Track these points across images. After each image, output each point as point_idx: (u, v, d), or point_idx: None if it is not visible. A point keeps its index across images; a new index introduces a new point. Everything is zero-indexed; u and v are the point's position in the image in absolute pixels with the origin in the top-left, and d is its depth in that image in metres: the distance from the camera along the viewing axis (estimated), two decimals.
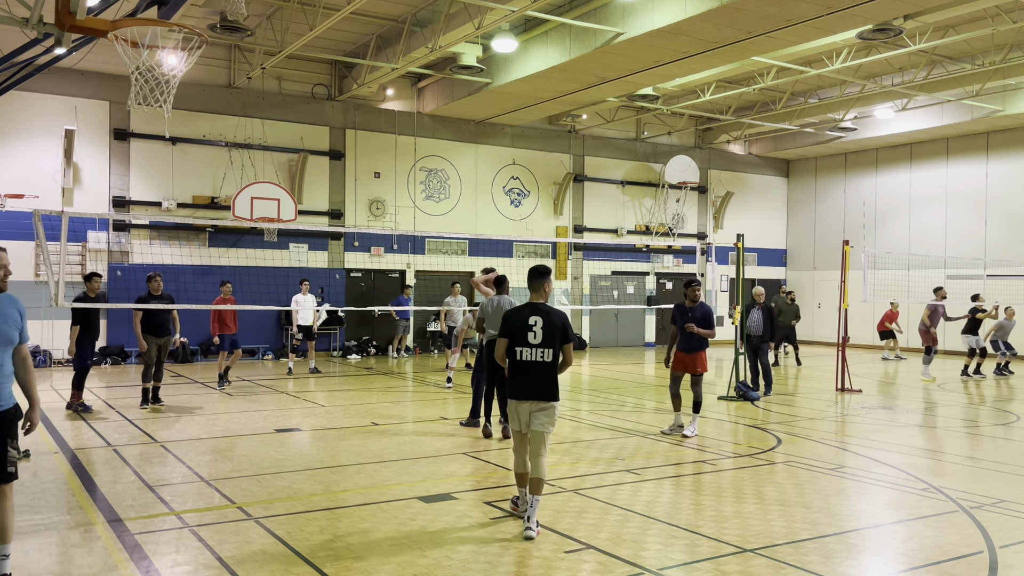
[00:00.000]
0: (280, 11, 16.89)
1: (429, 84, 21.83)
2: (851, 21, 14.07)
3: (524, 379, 5.87)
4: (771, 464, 8.49)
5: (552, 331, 5.84)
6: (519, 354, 5.84)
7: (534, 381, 5.85)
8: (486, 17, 14.76)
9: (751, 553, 5.54)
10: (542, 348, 5.83)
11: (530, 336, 5.82)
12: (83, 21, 8.43)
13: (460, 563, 5.29)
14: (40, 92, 17.75)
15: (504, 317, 6.00)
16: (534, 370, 5.85)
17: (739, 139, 27.44)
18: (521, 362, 5.85)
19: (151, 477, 7.64)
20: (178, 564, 5.24)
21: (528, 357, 5.84)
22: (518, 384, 5.89)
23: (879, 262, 22.71)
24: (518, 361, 5.86)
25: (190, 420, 10.91)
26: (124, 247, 18.81)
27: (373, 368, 18.51)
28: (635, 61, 16.57)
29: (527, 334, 5.82)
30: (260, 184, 19.16)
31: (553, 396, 5.88)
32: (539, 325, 5.84)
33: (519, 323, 5.87)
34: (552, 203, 24.50)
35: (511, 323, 5.91)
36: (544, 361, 5.84)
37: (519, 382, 5.88)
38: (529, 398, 5.86)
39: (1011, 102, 21.27)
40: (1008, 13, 15.86)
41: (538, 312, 5.90)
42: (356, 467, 8.00)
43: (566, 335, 5.89)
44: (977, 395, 14.87)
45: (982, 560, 5.47)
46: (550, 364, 5.87)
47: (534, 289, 6.06)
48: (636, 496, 7.04)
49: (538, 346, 5.83)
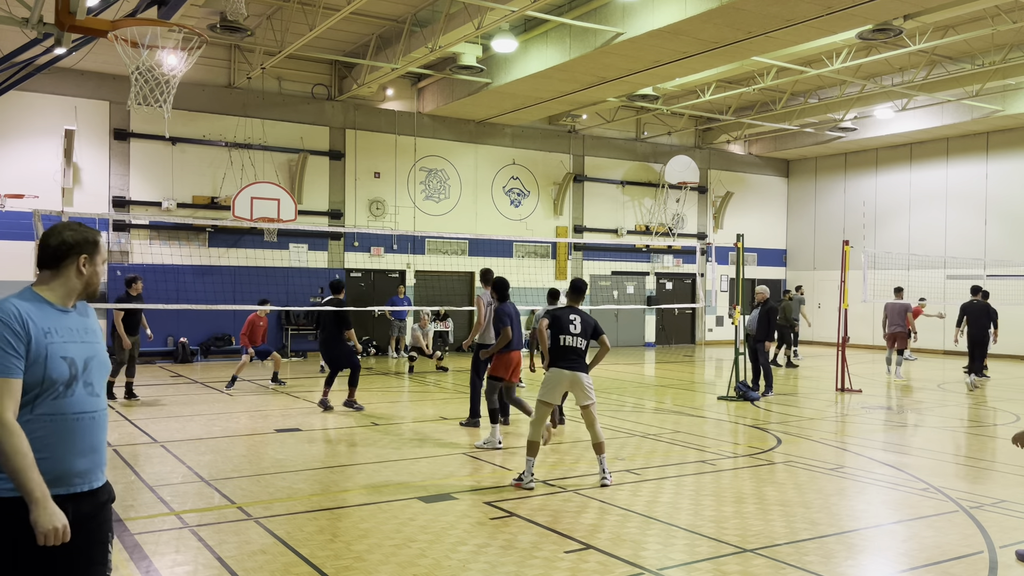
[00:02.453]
0: (280, 11, 16.88)
1: (429, 84, 21.83)
2: (851, 21, 14.06)
3: (567, 356, 7.60)
4: (771, 464, 8.49)
5: (586, 327, 7.70)
6: (563, 340, 7.57)
7: (574, 360, 7.59)
8: (486, 17, 14.76)
9: (751, 553, 5.54)
10: (579, 338, 7.64)
11: (571, 327, 7.64)
12: (83, 21, 8.42)
13: (460, 563, 5.29)
14: (40, 92, 17.74)
15: (553, 314, 7.71)
16: (574, 352, 7.60)
17: (739, 139, 27.44)
18: (565, 347, 7.60)
19: (151, 477, 7.64)
20: (178, 564, 5.24)
21: (570, 343, 7.61)
22: (561, 360, 7.59)
23: (879, 262, 22.72)
24: (562, 347, 7.60)
25: (190, 420, 10.91)
26: (124, 247, 18.81)
27: (373, 368, 18.51)
28: (635, 61, 16.57)
29: (569, 327, 7.63)
30: (260, 184, 19.16)
31: (586, 370, 7.70)
32: (578, 321, 7.71)
33: (564, 319, 7.65)
34: (552, 203, 24.50)
35: (560, 318, 7.66)
36: (579, 347, 7.64)
37: (563, 358, 7.59)
38: (572, 369, 7.55)
39: (1011, 102, 21.27)
40: (1008, 13, 15.85)
41: (577, 312, 7.79)
42: (356, 467, 7.99)
43: (597, 329, 7.82)
44: (978, 395, 14.87)
45: (982, 560, 5.47)
46: (583, 350, 7.69)
47: (574, 299, 7.94)
48: (636, 496, 7.04)
49: (578, 335, 7.63)
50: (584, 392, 7.52)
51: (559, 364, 7.57)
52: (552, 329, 7.62)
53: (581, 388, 7.52)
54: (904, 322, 17.44)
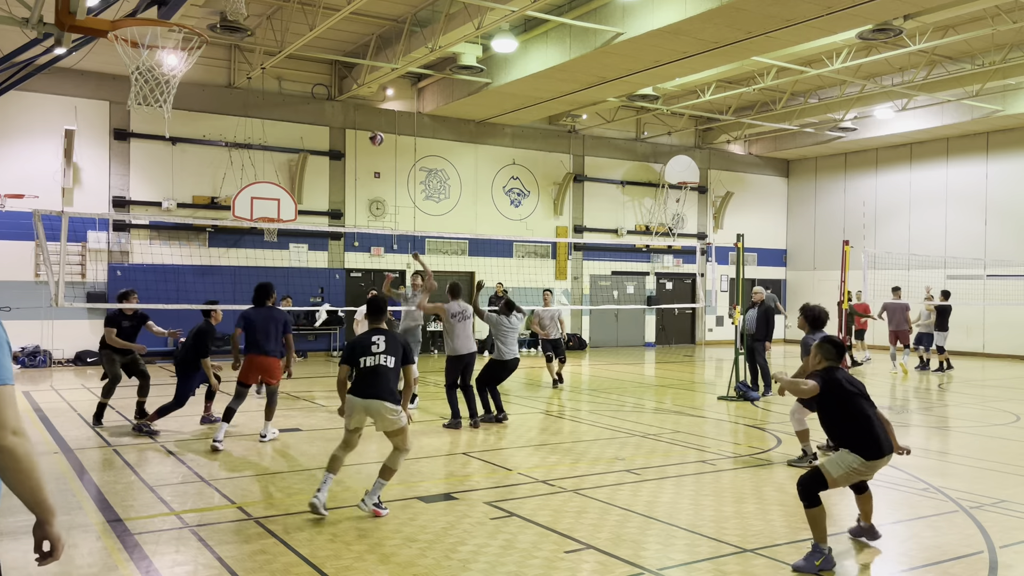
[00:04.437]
0: (280, 11, 16.88)
1: (429, 84, 21.82)
2: (851, 21, 14.06)
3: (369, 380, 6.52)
4: (771, 464, 8.49)
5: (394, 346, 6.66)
6: (363, 362, 6.53)
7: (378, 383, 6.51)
8: (486, 17, 14.76)
9: (751, 553, 5.54)
10: (386, 355, 6.57)
11: (374, 348, 6.58)
12: (83, 21, 8.42)
13: (460, 563, 5.29)
14: (40, 92, 17.75)
15: (352, 342, 6.78)
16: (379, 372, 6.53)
17: (739, 139, 27.44)
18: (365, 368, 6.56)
19: (151, 477, 7.64)
20: (178, 564, 5.24)
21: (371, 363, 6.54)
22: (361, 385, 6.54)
23: (879, 262, 22.71)
24: (363, 368, 6.55)
25: (190, 420, 10.90)
26: (124, 247, 18.81)
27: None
28: (635, 61, 16.57)
29: (371, 347, 6.58)
30: (260, 184, 19.16)
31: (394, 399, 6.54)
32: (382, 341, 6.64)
33: (365, 341, 6.62)
34: (552, 203, 24.50)
35: (357, 343, 6.66)
36: (388, 366, 6.56)
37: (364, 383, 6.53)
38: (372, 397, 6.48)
39: (1011, 102, 21.27)
40: (1008, 13, 15.85)
41: (381, 333, 6.72)
42: (356, 467, 7.99)
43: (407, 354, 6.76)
44: (978, 394, 14.87)
45: (982, 560, 5.47)
46: (393, 370, 6.60)
47: (375, 320, 6.87)
48: (636, 496, 7.04)
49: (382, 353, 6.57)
50: (390, 417, 6.49)
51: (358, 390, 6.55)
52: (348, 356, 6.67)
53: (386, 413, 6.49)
54: (906, 320, 18.24)
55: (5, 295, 17.55)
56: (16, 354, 17.60)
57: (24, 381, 15.12)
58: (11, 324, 17.69)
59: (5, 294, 17.55)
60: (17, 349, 17.68)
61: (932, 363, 19.16)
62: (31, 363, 17.50)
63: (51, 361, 17.94)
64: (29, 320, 17.66)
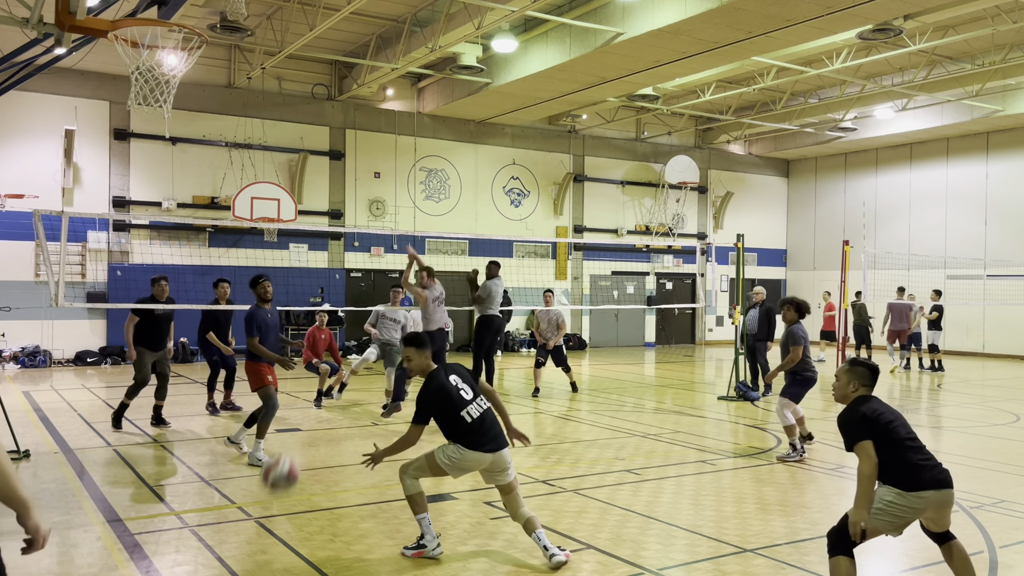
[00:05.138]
0: (280, 11, 16.89)
1: (429, 84, 21.83)
2: (851, 21, 14.06)
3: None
4: (771, 464, 8.49)
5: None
6: (467, 415, 5.75)
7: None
8: (486, 17, 14.77)
9: (751, 553, 5.54)
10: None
11: (463, 394, 5.81)
12: (83, 21, 8.42)
13: (460, 563, 5.29)
14: (40, 92, 17.75)
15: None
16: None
17: (739, 139, 27.44)
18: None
19: (151, 477, 7.64)
20: (178, 564, 5.24)
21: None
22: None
23: (879, 262, 22.72)
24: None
25: (190, 420, 10.91)
26: (124, 247, 18.81)
27: (372, 368, 18.49)
28: (635, 61, 16.57)
29: (460, 393, 5.81)
30: (260, 184, 19.16)
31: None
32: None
33: (451, 391, 5.80)
34: (552, 203, 24.50)
35: (445, 396, 5.84)
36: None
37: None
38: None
39: (1011, 102, 21.27)
40: (1008, 13, 15.85)
41: (453, 372, 5.92)
42: (356, 467, 7.99)
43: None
44: (977, 394, 14.87)
45: (982, 560, 5.47)
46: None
47: (427, 355, 6.00)
48: (636, 496, 7.04)
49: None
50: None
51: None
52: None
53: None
54: (907, 320, 18.46)
55: (5, 295, 17.56)
56: (16, 354, 17.62)
57: (24, 381, 15.12)
58: (11, 324, 17.71)
59: (5, 294, 17.56)
60: (17, 349, 17.69)
61: (924, 361, 19.29)
62: (31, 363, 17.50)
63: (51, 361, 17.94)
64: (29, 320, 17.67)
